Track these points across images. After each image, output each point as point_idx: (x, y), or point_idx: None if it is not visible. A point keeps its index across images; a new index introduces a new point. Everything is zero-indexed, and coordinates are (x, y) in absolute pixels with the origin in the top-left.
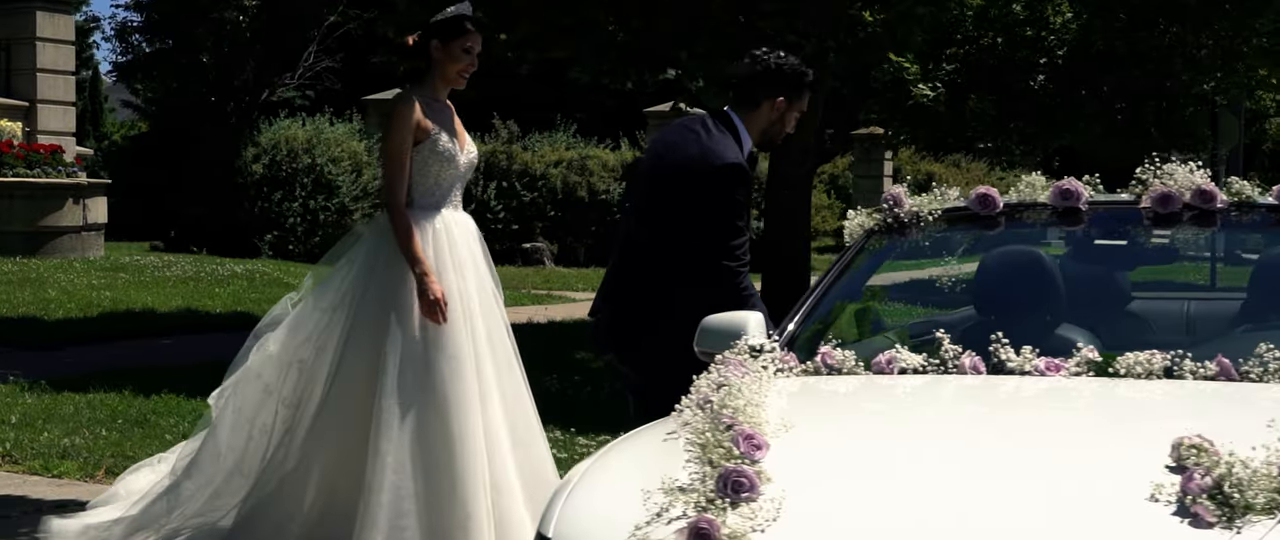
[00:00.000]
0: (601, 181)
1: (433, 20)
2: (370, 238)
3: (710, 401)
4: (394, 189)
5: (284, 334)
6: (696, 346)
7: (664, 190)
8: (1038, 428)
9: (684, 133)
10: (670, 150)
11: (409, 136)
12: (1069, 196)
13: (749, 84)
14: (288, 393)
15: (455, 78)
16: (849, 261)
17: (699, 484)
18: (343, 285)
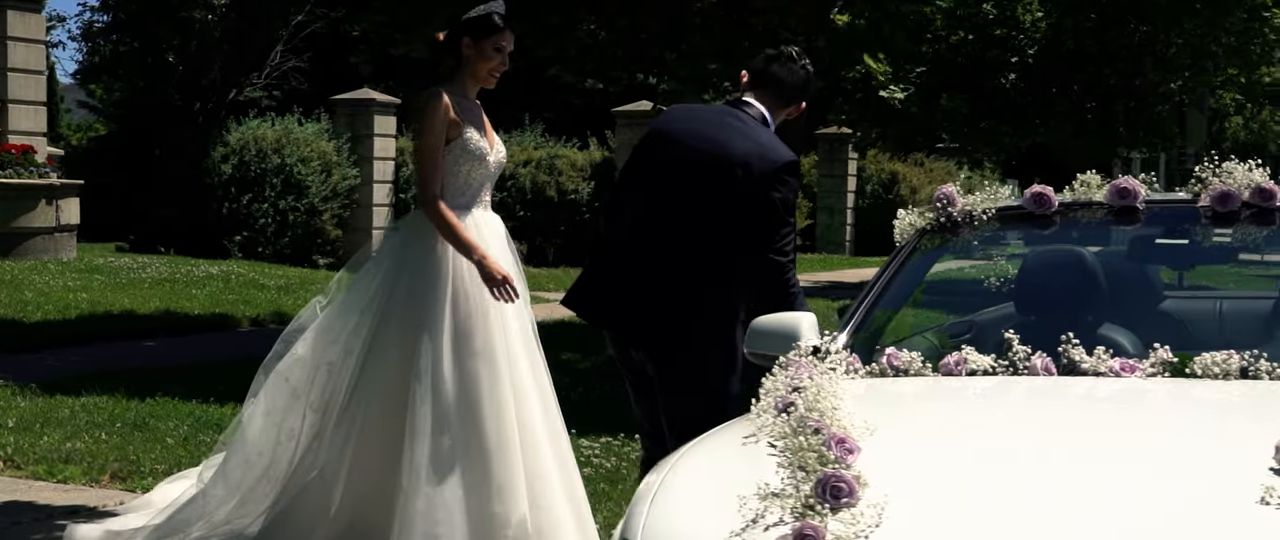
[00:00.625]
0: (571, 181)
1: (465, 17)
2: (400, 237)
3: (791, 405)
4: (429, 185)
5: (312, 336)
6: (747, 347)
7: (709, 183)
8: (1127, 429)
9: (722, 125)
10: (708, 141)
11: (442, 133)
12: (1126, 195)
13: (782, 86)
14: (315, 396)
15: (486, 77)
16: (903, 261)
17: (793, 489)
18: (372, 286)
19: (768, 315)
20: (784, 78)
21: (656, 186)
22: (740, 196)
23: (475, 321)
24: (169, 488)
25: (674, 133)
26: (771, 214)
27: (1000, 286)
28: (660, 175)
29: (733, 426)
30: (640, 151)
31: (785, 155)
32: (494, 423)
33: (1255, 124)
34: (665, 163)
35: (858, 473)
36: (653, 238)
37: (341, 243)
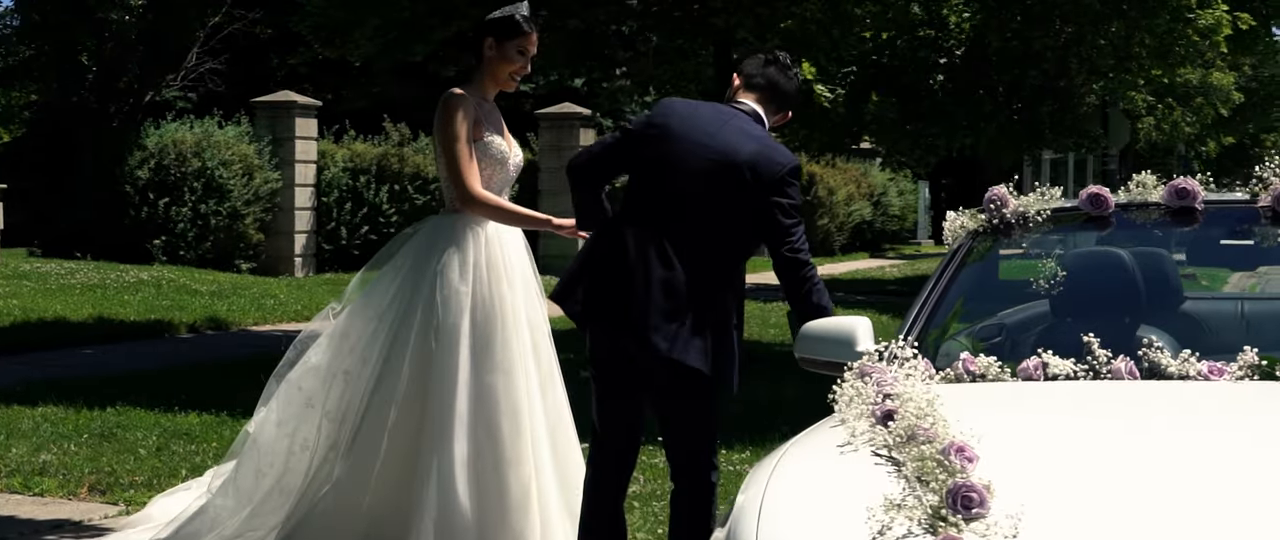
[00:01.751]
0: None
1: (488, 18)
2: (418, 241)
3: (892, 414)
4: (466, 182)
5: (327, 343)
6: (799, 353)
7: (715, 185)
8: (1244, 435)
9: (725, 126)
10: (713, 141)
11: (466, 130)
12: (1184, 196)
13: (786, 92)
14: (331, 405)
15: (506, 79)
16: (960, 264)
17: (914, 500)
18: (389, 292)
19: (819, 321)
20: (780, 83)
21: (657, 185)
22: (747, 199)
23: (495, 332)
24: (167, 501)
25: (675, 130)
26: (783, 215)
27: (1051, 288)
28: (660, 174)
29: (816, 434)
30: (635, 143)
31: (789, 158)
32: (511, 435)
33: (1166, 124)
34: (666, 161)
35: (987, 482)
36: (654, 237)
37: (264, 247)
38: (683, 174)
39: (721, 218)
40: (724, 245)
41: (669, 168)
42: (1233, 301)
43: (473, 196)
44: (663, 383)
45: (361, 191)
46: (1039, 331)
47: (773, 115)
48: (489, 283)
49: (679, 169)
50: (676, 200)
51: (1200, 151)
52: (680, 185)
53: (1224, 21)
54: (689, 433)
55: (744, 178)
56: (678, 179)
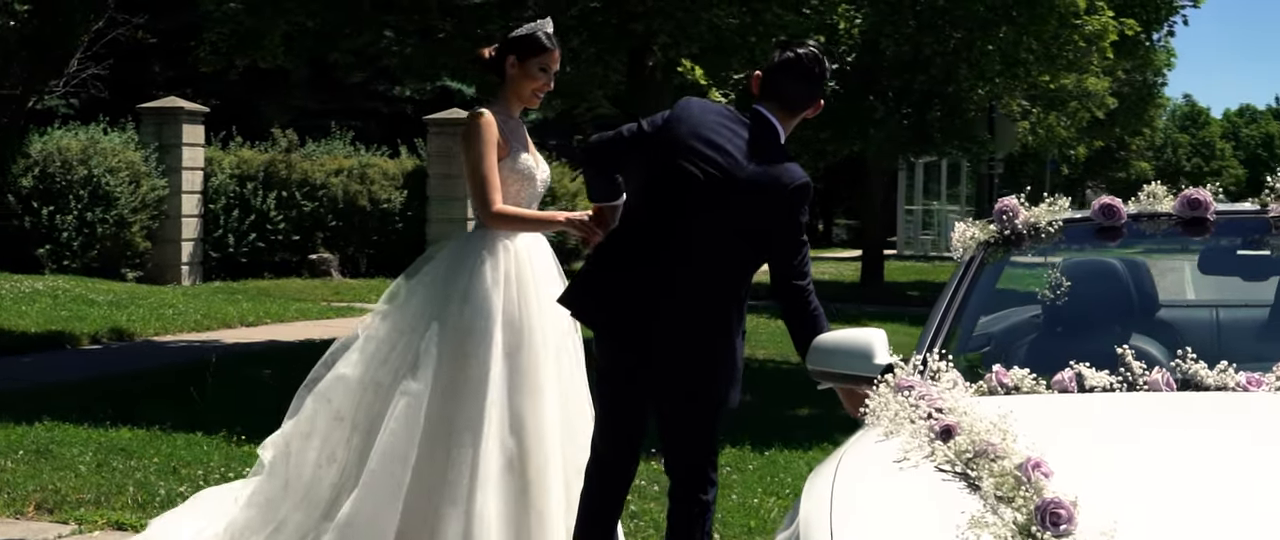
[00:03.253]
0: (383, 190)
1: (511, 36)
2: (448, 255)
3: (948, 429)
4: (489, 200)
5: (358, 356)
6: (812, 365)
7: (715, 204)
8: None
9: (731, 140)
10: (717, 154)
11: (492, 150)
12: (1197, 206)
13: (792, 93)
14: (361, 417)
15: (530, 97)
16: (975, 274)
17: (994, 518)
18: (419, 306)
19: (832, 333)
20: (786, 90)
21: (663, 195)
22: (750, 217)
23: (523, 349)
24: (165, 523)
25: (684, 138)
26: (786, 237)
27: (1056, 298)
28: (666, 183)
29: (863, 447)
30: (646, 142)
31: (795, 178)
32: (536, 452)
33: (1042, 129)
34: (672, 170)
35: (1074, 498)
36: (659, 249)
37: (151, 255)
38: (687, 186)
39: (725, 233)
40: (729, 260)
41: (674, 177)
42: (1207, 310)
43: (494, 212)
44: (665, 397)
45: (249, 198)
46: (1030, 340)
47: (790, 119)
48: (518, 298)
49: (683, 180)
50: (681, 212)
51: (1069, 155)
52: (684, 197)
53: (1110, 28)
54: (689, 447)
55: (746, 196)
56: (682, 191)
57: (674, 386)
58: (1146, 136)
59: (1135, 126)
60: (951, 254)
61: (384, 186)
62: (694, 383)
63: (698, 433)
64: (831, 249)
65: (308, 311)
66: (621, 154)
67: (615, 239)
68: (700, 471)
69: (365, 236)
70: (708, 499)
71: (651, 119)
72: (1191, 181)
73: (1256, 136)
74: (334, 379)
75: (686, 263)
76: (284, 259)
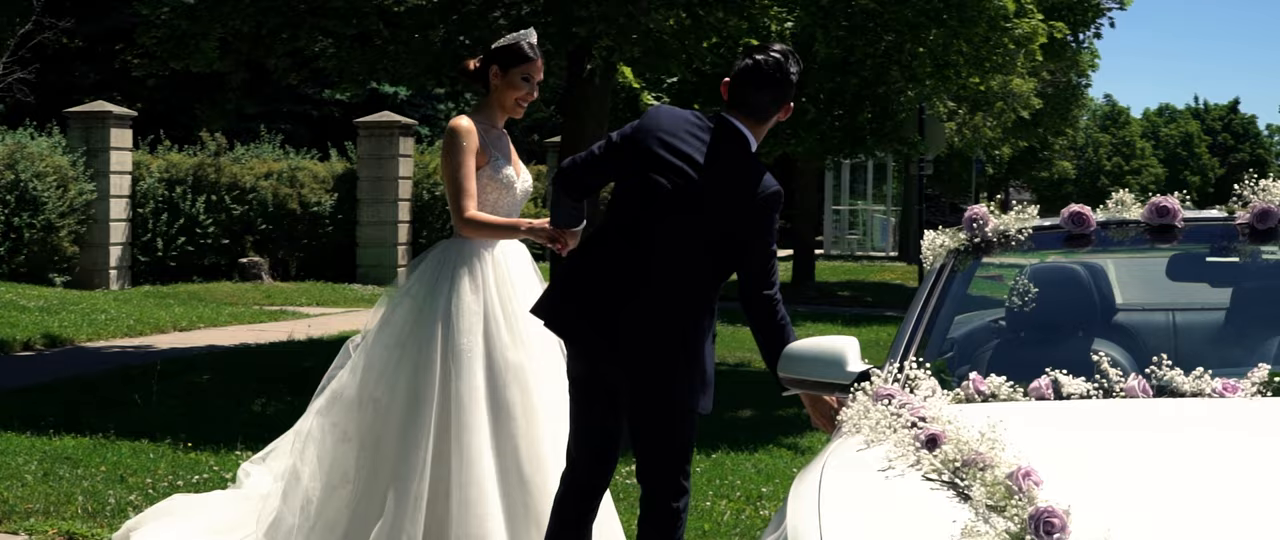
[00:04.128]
0: (313, 194)
1: (494, 47)
2: (428, 265)
3: (933, 438)
4: (462, 208)
5: (349, 374)
6: (783, 373)
7: (685, 213)
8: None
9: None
10: (686, 165)
11: (470, 158)
12: (1165, 213)
13: (758, 97)
14: (366, 433)
15: (513, 106)
16: (947, 282)
17: (985, 526)
18: (407, 318)
19: (803, 342)
20: (749, 98)
21: (634, 204)
22: (719, 226)
23: (506, 353)
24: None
25: (654, 147)
26: (755, 247)
27: (1023, 305)
28: (637, 193)
29: (844, 455)
30: (617, 154)
31: (765, 187)
32: (529, 451)
33: (968, 129)
34: (643, 179)
35: (1067, 506)
36: (631, 257)
37: (78, 259)
38: (655, 196)
39: (694, 242)
40: (698, 268)
41: (642, 188)
42: (1164, 313)
43: (467, 219)
44: (635, 404)
45: (178, 202)
46: (993, 346)
47: (759, 127)
48: (499, 304)
49: (651, 190)
50: (649, 223)
51: (994, 156)
52: (652, 207)
53: (1040, 31)
54: (659, 455)
55: (716, 205)
56: (650, 201)
57: (644, 394)
58: (1069, 136)
59: (1059, 127)
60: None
61: (314, 190)
62: (663, 390)
63: (668, 440)
64: None
65: (241, 316)
66: (598, 175)
67: (586, 249)
68: (671, 479)
69: (295, 240)
70: (679, 507)
71: (621, 130)
72: (1112, 181)
73: (1176, 136)
74: (332, 399)
75: (656, 271)
76: (214, 263)
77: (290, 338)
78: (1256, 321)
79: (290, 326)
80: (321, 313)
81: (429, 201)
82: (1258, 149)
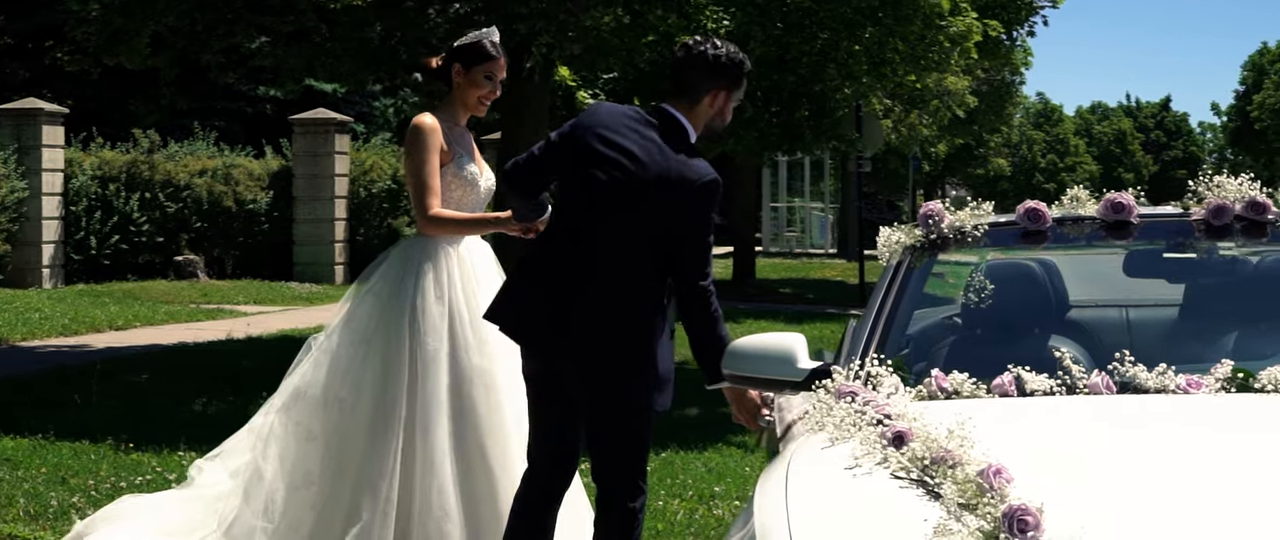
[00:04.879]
0: (248, 191)
1: (455, 45)
2: (392, 264)
3: (900, 435)
4: (425, 205)
5: (312, 372)
6: (728, 369)
7: (623, 206)
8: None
9: (636, 141)
10: (623, 157)
11: (434, 156)
12: (1120, 210)
13: (690, 75)
14: (331, 434)
15: (476, 104)
16: (904, 279)
17: (957, 524)
18: (371, 316)
19: (749, 338)
20: (681, 77)
21: (577, 201)
22: (653, 218)
23: (471, 352)
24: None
25: (593, 142)
26: (689, 238)
27: (980, 301)
28: (580, 190)
29: (809, 452)
30: (558, 152)
31: (702, 175)
32: (497, 445)
33: (904, 127)
34: (584, 176)
35: (1040, 504)
36: (577, 256)
37: (10, 257)
38: (594, 192)
39: (636, 236)
40: (643, 263)
41: (582, 184)
42: (1118, 310)
43: (431, 217)
44: (589, 404)
45: (111, 200)
46: (950, 342)
47: (692, 105)
48: (464, 302)
49: (590, 186)
50: (590, 219)
51: (930, 153)
52: (593, 203)
53: (975, 29)
54: (615, 454)
55: (651, 195)
56: (590, 197)
57: (597, 392)
58: (1004, 134)
59: (994, 124)
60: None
61: (249, 187)
62: (617, 388)
63: (623, 439)
64: None
65: (177, 314)
66: (542, 173)
67: (533, 251)
68: (627, 479)
69: (231, 238)
70: (635, 507)
71: (560, 129)
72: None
73: (1109, 133)
74: (295, 397)
75: (601, 268)
76: (148, 261)
77: (229, 336)
78: (1210, 318)
79: (228, 325)
80: (259, 311)
81: (366, 199)
82: (1190, 146)
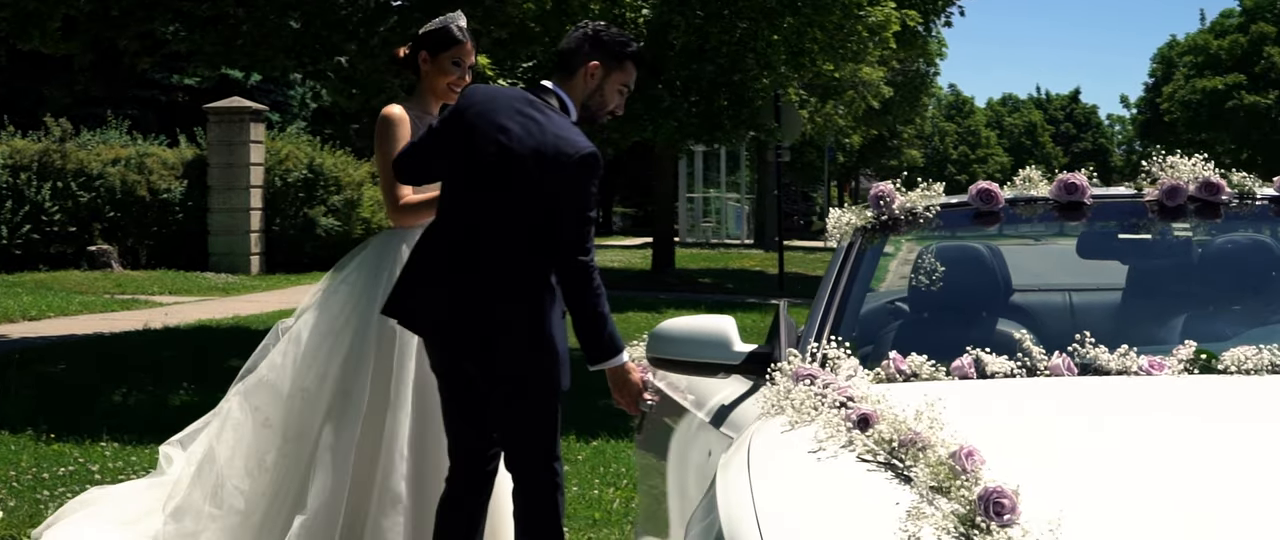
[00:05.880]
0: (163, 180)
1: (422, 31)
2: (369, 256)
3: (865, 418)
4: (396, 194)
5: (281, 360)
6: (655, 353)
7: (502, 181)
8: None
9: (515, 116)
10: (500, 134)
11: (401, 147)
12: (1073, 191)
13: (566, 51)
14: (292, 427)
15: (445, 91)
16: (856, 260)
17: (931, 508)
18: (343, 307)
19: (678, 320)
20: (569, 57)
21: (458, 183)
22: (533, 195)
23: None
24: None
25: (470, 121)
26: (568, 213)
27: (931, 283)
28: (460, 171)
29: (768, 436)
30: (438, 137)
31: (578, 148)
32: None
33: (819, 117)
34: (463, 157)
35: (1016, 487)
36: (460, 240)
37: None
38: (478, 170)
39: (514, 213)
40: (523, 240)
41: (465, 164)
42: (1061, 293)
43: (401, 208)
44: (493, 391)
45: (23, 189)
46: (897, 325)
47: (568, 78)
48: None
49: (474, 165)
50: (468, 199)
51: (845, 144)
52: (470, 183)
53: (893, 19)
54: (517, 436)
55: (529, 170)
56: (466, 176)
57: (495, 376)
58: (917, 125)
59: (909, 115)
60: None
61: (163, 176)
62: (513, 369)
63: (524, 422)
64: (614, 237)
65: (92, 305)
66: (425, 159)
67: (423, 238)
68: (534, 460)
69: (145, 227)
70: (553, 488)
71: (442, 113)
72: (959, 169)
73: (1020, 125)
74: (257, 383)
75: (486, 249)
76: (60, 251)
77: (147, 327)
78: (1154, 301)
79: (144, 316)
80: (176, 301)
81: (281, 188)
82: (1099, 138)
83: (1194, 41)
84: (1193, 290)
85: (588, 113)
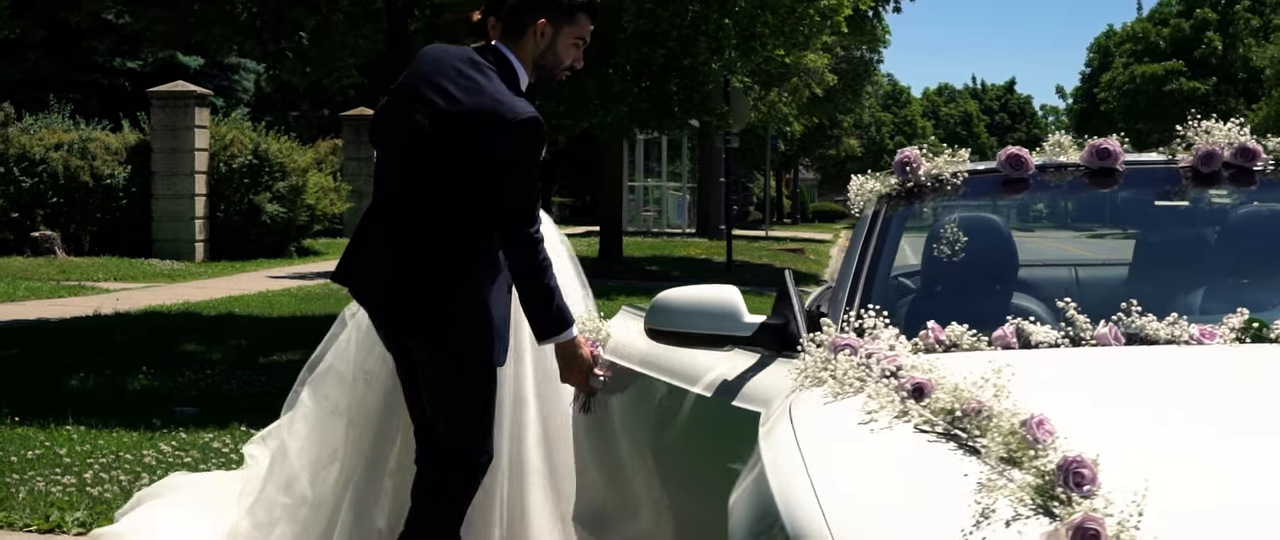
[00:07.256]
0: (106, 165)
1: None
2: None
3: (919, 387)
4: None
5: (343, 347)
6: (655, 325)
7: (440, 145)
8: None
9: (457, 78)
10: (439, 96)
11: None
12: (1106, 156)
13: (513, 11)
14: (356, 409)
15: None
16: (883, 229)
17: (1004, 479)
18: None
19: (680, 290)
20: (518, 17)
21: (396, 149)
22: (469, 160)
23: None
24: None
25: (413, 85)
26: (508, 180)
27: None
28: (399, 136)
29: (806, 404)
30: (391, 103)
31: (517, 113)
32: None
33: (764, 104)
34: (402, 121)
35: (1095, 456)
36: (397, 209)
37: None
38: (407, 134)
39: (451, 177)
40: (462, 207)
41: (398, 128)
42: (1067, 268)
43: None
44: (425, 365)
45: None
46: (911, 299)
47: (517, 39)
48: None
49: (404, 129)
50: (405, 163)
51: (786, 132)
52: (407, 146)
53: (845, 4)
54: (454, 414)
55: (463, 133)
56: (404, 139)
57: (430, 352)
58: (855, 114)
59: (851, 104)
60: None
61: (107, 162)
62: (443, 341)
63: (449, 398)
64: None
65: (38, 290)
66: (378, 123)
67: (370, 208)
68: (452, 439)
69: (88, 213)
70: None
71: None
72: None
73: (955, 115)
74: (325, 371)
75: (420, 216)
76: (3, 237)
77: (97, 312)
78: (1162, 273)
79: (92, 302)
80: (123, 288)
81: (226, 174)
82: (1033, 129)
83: (1132, 30)
84: (1231, 259)
85: (543, 72)
